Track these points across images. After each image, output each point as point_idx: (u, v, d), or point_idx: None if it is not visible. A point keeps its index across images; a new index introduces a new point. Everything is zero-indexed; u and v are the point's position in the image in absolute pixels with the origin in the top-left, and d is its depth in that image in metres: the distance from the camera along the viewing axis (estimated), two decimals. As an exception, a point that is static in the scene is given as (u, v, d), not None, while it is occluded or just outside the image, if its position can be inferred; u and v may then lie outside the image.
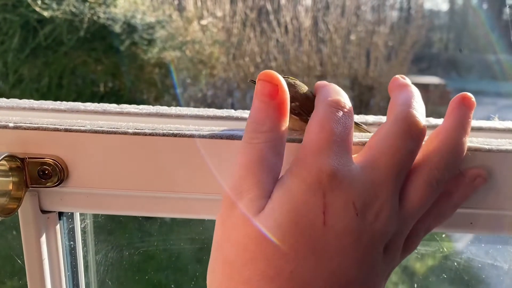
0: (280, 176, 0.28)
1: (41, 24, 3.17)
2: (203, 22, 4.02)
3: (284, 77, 0.34)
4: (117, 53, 3.37)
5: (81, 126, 0.35)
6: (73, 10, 3.20)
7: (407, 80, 0.32)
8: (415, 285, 0.64)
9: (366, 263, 0.26)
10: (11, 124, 0.34)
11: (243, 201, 0.27)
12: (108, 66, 3.40)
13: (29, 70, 3.22)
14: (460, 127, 0.30)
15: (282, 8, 4.36)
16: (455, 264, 0.54)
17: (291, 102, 0.30)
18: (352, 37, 4.40)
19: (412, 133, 0.28)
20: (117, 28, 3.31)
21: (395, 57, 4.59)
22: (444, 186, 0.30)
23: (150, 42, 3.47)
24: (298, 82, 0.34)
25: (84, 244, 0.44)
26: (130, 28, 3.39)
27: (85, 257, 0.44)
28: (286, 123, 0.28)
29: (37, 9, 3.12)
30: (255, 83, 0.34)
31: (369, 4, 4.70)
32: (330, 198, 0.26)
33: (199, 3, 4.11)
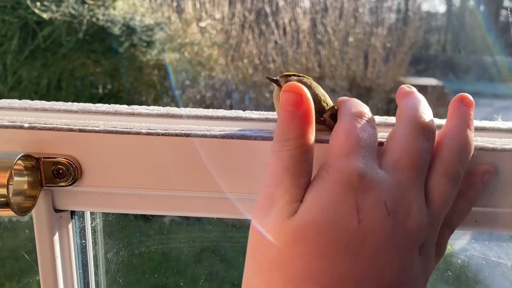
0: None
1: (40, 26, 3.17)
2: (202, 24, 4.03)
3: (300, 76, 0.35)
4: (116, 55, 3.37)
5: (95, 127, 0.35)
6: (72, 12, 3.20)
7: (413, 88, 0.34)
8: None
9: (405, 264, 0.27)
10: (26, 125, 0.35)
11: (276, 207, 0.27)
12: (107, 68, 3.40)
13: (28, 72, 3.22)
14: (465, 124, 0.31)
15: (281, 10, 4.37)
16: (459, 261, 0.54)
17: None
18: (350, 39, 4.42)
19: (426, 133, 0.30)
20: (116, 30, 3.31)
21: (393, 59, 4.61)
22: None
23: (149, 44, 3.48)
24: (313, 82, 0.35)
25: (95, 243, 0.45)
26: (129, 30, 3.39)
27: (95, 255, 0.45)
28: (313, 130, 0.29)
29: (36, 11, 3.12)
30: (270, 80, 0.35)
31: (367, 6, 4.72)
32: (361, 198, 0.26)
33: (197, 5, 4.12)
